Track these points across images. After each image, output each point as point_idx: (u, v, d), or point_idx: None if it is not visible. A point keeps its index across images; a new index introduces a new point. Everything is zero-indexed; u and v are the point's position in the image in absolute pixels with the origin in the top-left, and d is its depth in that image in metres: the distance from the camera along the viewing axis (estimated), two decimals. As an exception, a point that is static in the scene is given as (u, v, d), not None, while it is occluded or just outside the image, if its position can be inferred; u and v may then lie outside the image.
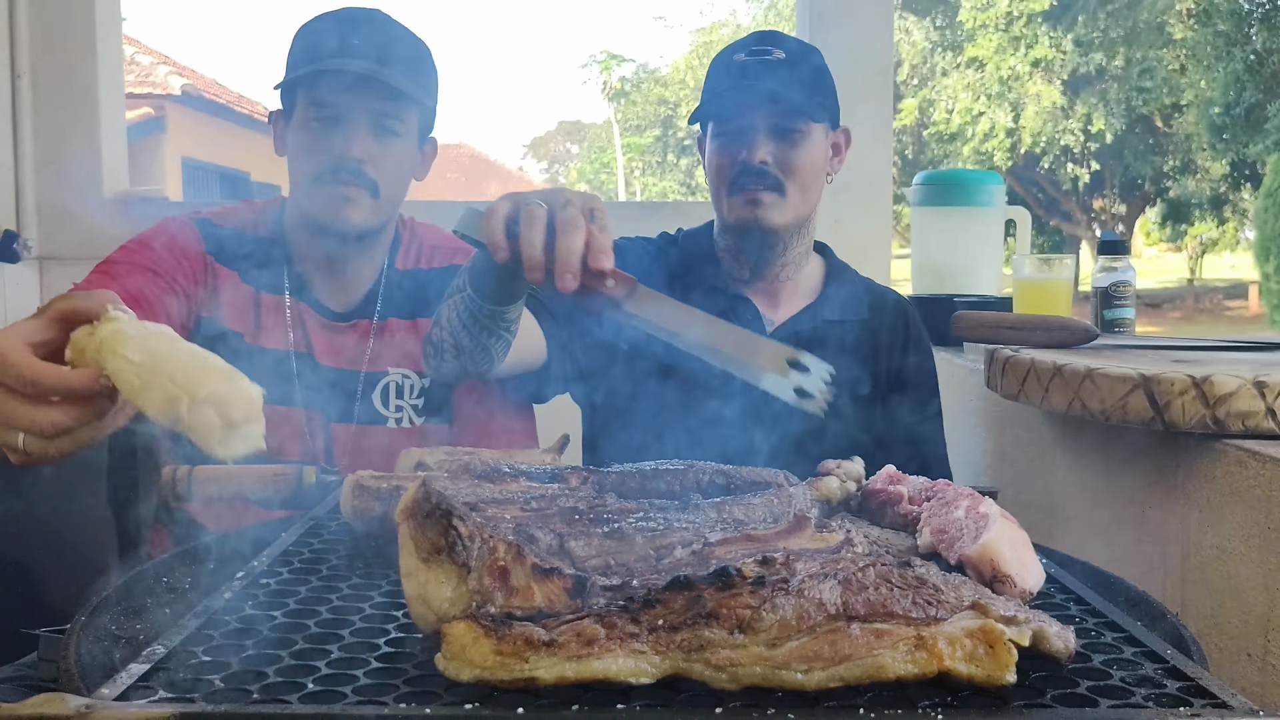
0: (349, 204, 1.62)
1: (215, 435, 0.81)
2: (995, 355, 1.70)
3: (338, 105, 1.60)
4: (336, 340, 1.72)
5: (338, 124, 1.61)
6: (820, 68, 1.77)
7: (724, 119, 1.74)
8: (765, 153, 1.69)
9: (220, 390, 0.82)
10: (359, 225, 1.65)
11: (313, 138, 1.63)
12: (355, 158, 1.61)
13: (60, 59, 3.00)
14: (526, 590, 0.78)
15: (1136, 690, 0.73)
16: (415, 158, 1.73)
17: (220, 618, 0.84)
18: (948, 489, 1.06)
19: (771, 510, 1.04)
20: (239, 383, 0.84)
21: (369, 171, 1.62)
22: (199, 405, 0.81)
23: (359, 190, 1.62)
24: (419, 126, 1.70)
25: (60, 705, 0.63)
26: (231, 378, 0.84)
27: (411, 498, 0.81)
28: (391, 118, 1.63)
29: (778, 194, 1.70)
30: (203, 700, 0.69)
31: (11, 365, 0.83)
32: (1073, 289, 2.23)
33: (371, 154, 1.62)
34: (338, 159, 1.61)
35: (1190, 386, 1.29)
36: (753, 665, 0.69)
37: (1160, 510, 1.41)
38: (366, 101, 1.60)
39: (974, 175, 2.66)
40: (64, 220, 3.05)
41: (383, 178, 1.64)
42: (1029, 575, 0.91)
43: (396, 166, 1.66)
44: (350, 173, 1.61)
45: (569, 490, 1.09)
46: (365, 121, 1.61)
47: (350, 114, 1.61)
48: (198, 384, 0.82)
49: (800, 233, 1.79)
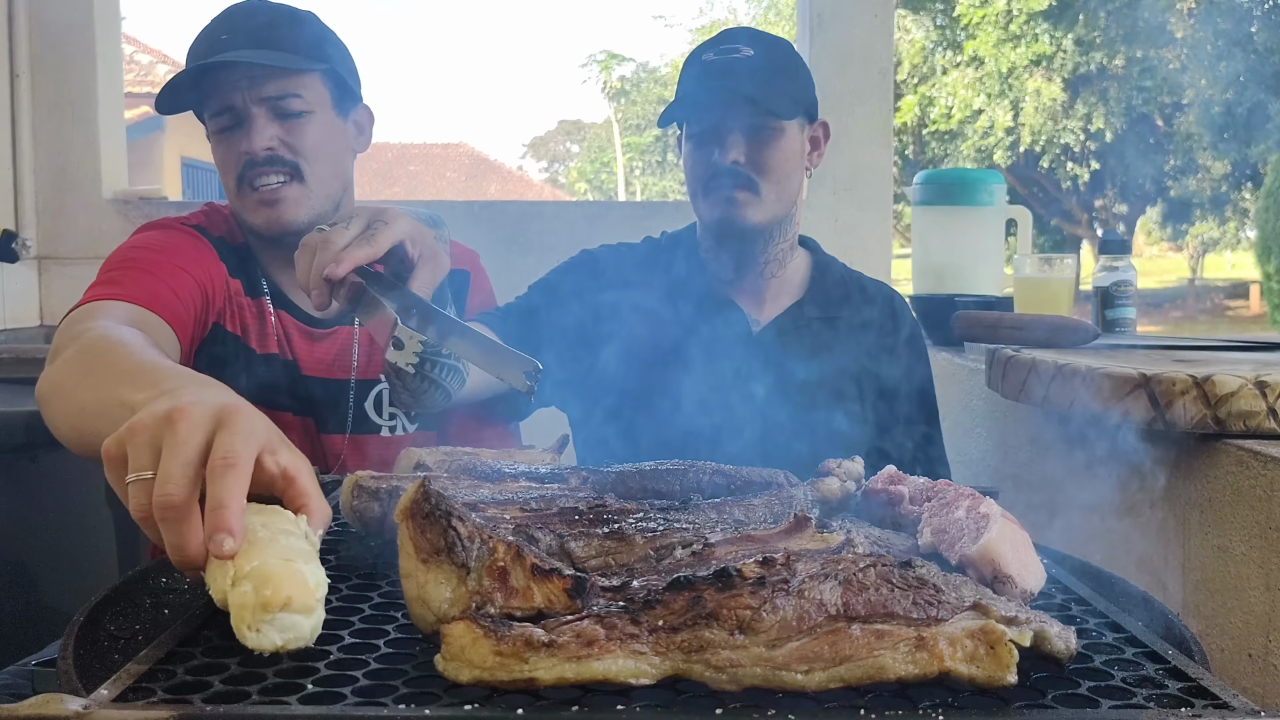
0: (279, 203, 1.56)
1: (245, 617, 0.72)
2: (996, 355, 1.70)
3: (231, 107, 1.54)
4: (319, 348, 1.69)
5: (237, 125, 1.55)
6: (793, 62, 1.75)
7: (694, 120, 1.72)
8: (737, 152, 1.67)
9: (267, 568, 0.73)
10: (298, 220, 1.57)
11: (222, 148, 1.58)
12: (263, 148, 1.54)
13: (59, 59, 3.00)
14: (526, 591, 0.78)
15: (1138, 691, 0.72)
16: (338, 128, 1.64)
17: (219, 619, 0.84)
18: (948, 489, 1.05)
19: (771, 510, 1.04)
20: (296, 565, 0.74)
21: (285, 155, 1.55)
22: (241, 581, 0.73)
23: (285, 185, 1.55)
24: (331, 96, 1.61)
25: (59, 706, 0.63)
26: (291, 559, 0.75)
27: (411, 498, 0.81)
28: (289, 95, 1.55)
29: (752, 193, 1.68)
30: (201, 701, 0.69)
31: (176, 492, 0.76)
32: (1074, 288, 2.23)
33: (280, 138, 1.55)
34: (246, 156, 1.54)
35: (1191, 386, 1.29)
36: (753, 666, 0.69)
37: (1161, 510, 1.41)
38: (253, 91, 1.53)
39: (975, 174, 2.65)
40: (63, 220, 3.06)
41: (303, 158, 1.56)
42: (1030, 575, 0.91)
43: (316, 143, 1.58)
44: (264, 163, 1.54)
45: (569, 490, 1.09)
46: (262, 110, 1.54)
47: (243, 110, 1.54)
48: (248, 558, 0.74)
49: (781, 230, 1.77)
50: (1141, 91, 17.04)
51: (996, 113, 17.69)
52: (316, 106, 1.58)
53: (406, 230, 1.13)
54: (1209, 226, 20.76)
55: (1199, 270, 23.86)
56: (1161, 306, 20.93)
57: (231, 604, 0.73)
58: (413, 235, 1.13)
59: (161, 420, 0.79)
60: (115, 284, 1.44)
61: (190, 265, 1.54)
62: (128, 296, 1.41)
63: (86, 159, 3.06)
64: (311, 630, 0.74)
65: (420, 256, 1.14)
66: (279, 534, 0.78)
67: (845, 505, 1.14)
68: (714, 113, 1.68)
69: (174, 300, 1.47)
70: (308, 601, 0.73)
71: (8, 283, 2.94)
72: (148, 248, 1.55)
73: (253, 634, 0.72)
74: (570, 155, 36.87)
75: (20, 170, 3.01)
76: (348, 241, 1.09)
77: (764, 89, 1.66)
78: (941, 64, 18.62)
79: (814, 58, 2.98)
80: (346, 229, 1.11)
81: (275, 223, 1.57)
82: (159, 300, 1.44)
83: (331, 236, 1.10)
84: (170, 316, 1.45)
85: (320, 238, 1.11)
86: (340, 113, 1.64)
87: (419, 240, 1.14)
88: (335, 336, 1.70)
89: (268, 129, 1.54)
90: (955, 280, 2.50)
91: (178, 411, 0.79)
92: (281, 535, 0.78)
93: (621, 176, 30.14)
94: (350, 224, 1.12)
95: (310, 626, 0.74)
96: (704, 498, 1.09)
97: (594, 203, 8.80)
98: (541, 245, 3.07)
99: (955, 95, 18.06)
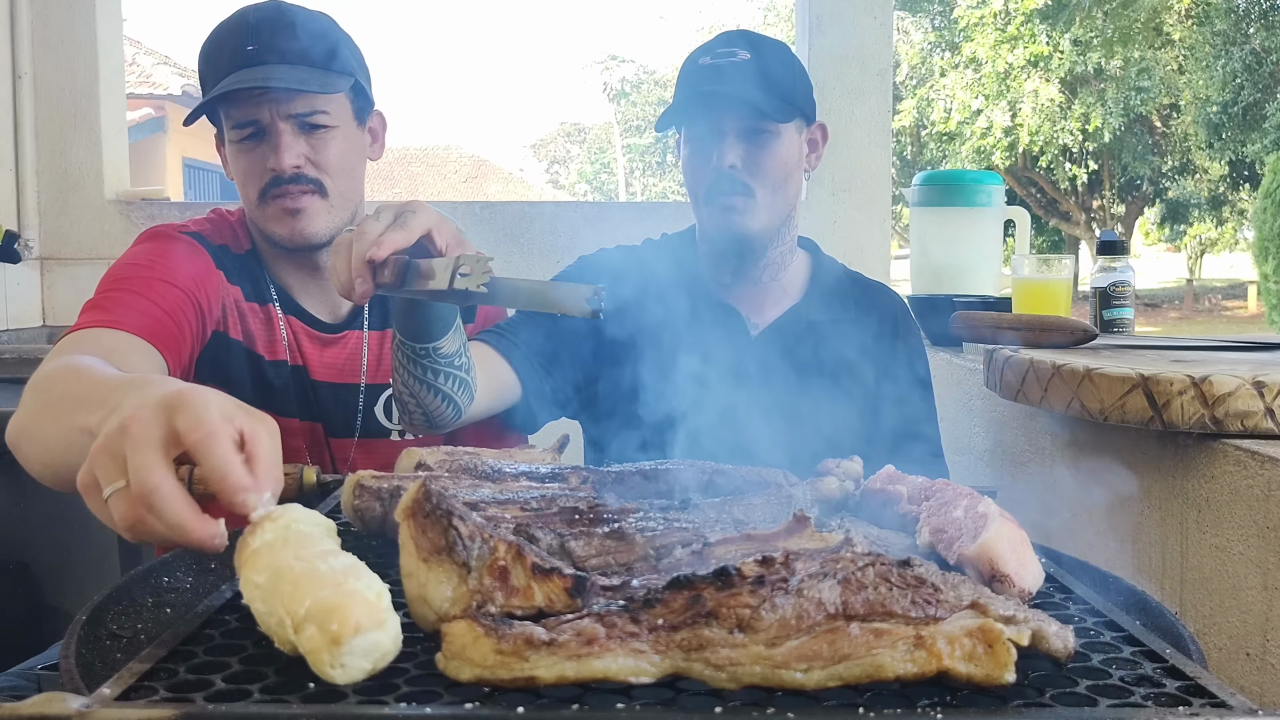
0: (301, 214, 1.57)
1: (324, 659, 0.69)
2: (994, 355, 1.70)
3: (256, 120, 1.55)
4: (328, 354, 1.69)
5: (263, 137, 1.56)
6: (789, 65, 1.74)
7: (690, 125, 1.72)
8: (734, 156, 1.66)
9: (323, 602, 0.70)
10: (319, 232, 1.60)
11: (245, 158, 1.58)
12: (291, 166, 1.55)
13: (61, 60, 3.01)
14: (527, 590, 0.78)
15: (1135, 689, 0.73)
16: (359, 139, 1.66)
17: (221, 617, 0.84)
18: (947, 488, 1.06)
19: (771, 510, 1.05)
20: (349, 585, 0.71)
21: (310, 174, 1.57)
22: (303, 625, 0.70)
23: (307, 197, 1.57)
24: (352, 107, 1.63)
25: (60, 705, 0.63)
26: (341, 581, 0.72)
27: (412, 498, 0.81)
28: (316, 112, 1.56)
29: (748, 198, 1.68)
30: (203, 700, 0.69)
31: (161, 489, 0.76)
32: (1072, 289, 2.23)
33: (307, 155, 1.57)
34: (273, 173, 1.55)
35: (1189, 386, 1.29)
36: (752, 664, 0.69)
37: (1159, 510, 1.41)
38: (281, 107, 1.54)
39: (973, 175, 2.66)
40: (66, 221, 3.06)
41: (327, 174, 1.58)
42: (1028, 574, 0.91)
43: (339, 157, 1.60)
44: (289, 181, 1.56)
45: (569, 490, 1.09)
46: (289, 126, 1.55)
47: (269, 124, 1.55)
48: (299, 600, 0.71)
49: (780, 234, 1.76)
50: (1139, 92, 17.05)
51: (994, 114, 17.69)
52: (341, 121, 1.61)
53: (433, 221, 1.17)
54: (1207, 227, 20.78)
55: (1197, 271, 23.87)
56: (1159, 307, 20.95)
57: (304, 651, 0.70)
58: (438, 226, 1.18)
59: (116, 433, 0.79)
60: (100, 309, 1.45)
61: (179, 278, 1.54)
62: (109, 322, 1.42)
63: (89, 160, 3.06)
64: (394, 641, 0.72)
65: (448, 245, 1.18)
66: (315, 559, 0.75)
67: (844, 505, 1.14)
68: (710, 117, 1.68)
69: (161, 318, 1.48)
70: (377, 618, 0.71)
71: (10, 283, 2.94)
72: (137, 263, 1.55)
73: (339, 671, 0.69)
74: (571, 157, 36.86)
75: (23, 171, 3.02)
76: (384, 229, 1.14)
77: (760, 92, 1.65)
78: (940, 66, 18.63)
79: (813, 59, 2.99)
80: (378, 220, 1.16)
81: (298, 235, 1.59)
82: (143, 321, 1.44)
83: (365, 226, 1.15)
84: (155, 335, 1.45)
85: (353, 233, 1.16)
86: (360, 123, 1.66)
87: (444, 230, 1.18)
88: (345, 341, 1.70)
89: (295, 145, 1.55)
90: (954, 281, 2.50)
91: (129, 419, 0.79)
92: (319, 560, 0.75)
93: (622, 178, 30.15)
94: (380, 215, 1.16)
95: (391, 638, 0.71)
96: (704, 498, 1.09)
97: (594, 203, 8.80)
98: (541, 245, 3.08)
99: (953, 97, 18.07)
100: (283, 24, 1.56)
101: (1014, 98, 17.64)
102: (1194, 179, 18.67)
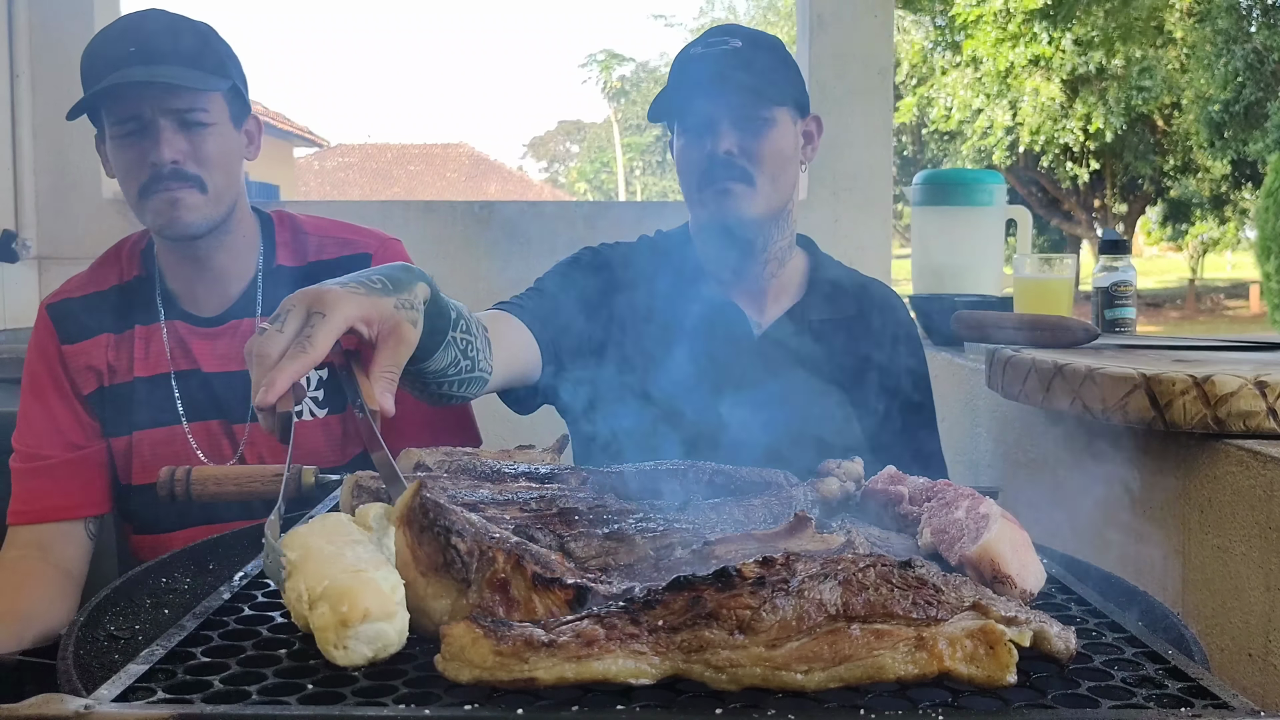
0: (180, 206, 1.64)
1: (329, 638, 0.73)
2: (996, 355, 1.70)
3: (138, 116, 1.62)
4: (218, 345, 1.74)
5: (143, 134, 1.63)
6: (781, 54, 1.74)
7: (685, 113, 1.71)
8: (730, 142, 1.66)
9: (339, 584, 0.73)
10: (196, 224, 1.66)
11: (126, 154, 1.65)
12: (170, 160, 1.62)
13: (59, 59, 3.00)
14: (528, 602, 0.77)
15: (1138, 691, 0.72)
16: (235, 139, 1.73)
17: (219, 619, 0.84)
18: (948, 489, 1.06)
19: (771, 510, 1.04)
20: (367, 574, 0.75)
21: (189, 169, 1.63)
22: (317, 603, 0.74)
23: (186, 190, 1.64)
24: (230, 108, 1.70)
25: (59, 706, 0.63)
26: (361, 569, 0.75)
27: (407, 505, 0.81)
28: (196, 109, 1.63)
29: (746, 184, 1.67)
30: (201, 701, 0.69)
31: None
32: (1073, 289, 2.23)
33: (185, 151, 1.63)
34: (153, 167, 1.62)
35: (1191, 386, 1.29)
36: (753, 666, 0.69)
37: (1161, 510, 1.41)
38: (161, 103, 1.61)
39: (974, 175, 2.65)
40: (63, 220, 3.06)
41: (205, 170, 1.65)
42: (1029, 575, 0.91)
43: (218, 154, 1.67)
44: (169, 176, 1.62)
45: (569, 490, 1.09)
46: (169, 122, 1.62)
47: (150, 120, 1.62)
48: (318, 579, 0.75)
49: (778, 227, 1.76)
50: (1141, 91, 17.04)
51: (995, 113, 17.68)
52: (219, 120, 1.68)
53: (351, 315, 0.96)
54: (1208, 226, 20.76)
55: (1199, 270, 23.86)
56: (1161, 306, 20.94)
57: (313, 627, 0.74)
58: (363, 316, 0.97)
59: None
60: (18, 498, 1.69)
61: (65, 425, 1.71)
62: (28, 516, 1.68)
63: (86, 159, 3.05)
64: (398, 635, 0.74)
65: (378, 336, 0.99)
66: (344, 546, 0.78)
67: (845, 505, 1.14)
68: (704, 102, 1.67)
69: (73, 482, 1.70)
70: (387, 608, 0.73)
71: (8, 282, 2.94)
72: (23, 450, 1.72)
73: (340, 652, 0.72)
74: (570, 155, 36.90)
75: (20, 170, 3.01)
76: (283, 349, 0.93)
77: (753, 76, 1.65)
78: (940, 64, 18.62)
79: (814, 58, 2.98)
80: (281, 330, 0.94)
81: (175, 226, 1.66)
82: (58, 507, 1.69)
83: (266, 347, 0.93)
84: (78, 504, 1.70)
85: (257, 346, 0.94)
86: (236, 125, 1.73)
87: (372, 319, 0.98)
88: (235, 329, 1.75)
89: (175, 141, 1.62)
90: (955, 280, 2.50)
91: None
92: (347, 547, 0.78)
93: (621, 176, 30.16)
94: (286, 320, 0.95)
95: (396, 631, 0.74)
96: (704, 498, 1.09)
97: (594, 203, 8.80)
98: (541, 245, 3.07)
99: (954, 95, 18.06)
100: (163, 28, 1.65)
101: (1015, 97, 17.63)
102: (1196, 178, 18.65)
